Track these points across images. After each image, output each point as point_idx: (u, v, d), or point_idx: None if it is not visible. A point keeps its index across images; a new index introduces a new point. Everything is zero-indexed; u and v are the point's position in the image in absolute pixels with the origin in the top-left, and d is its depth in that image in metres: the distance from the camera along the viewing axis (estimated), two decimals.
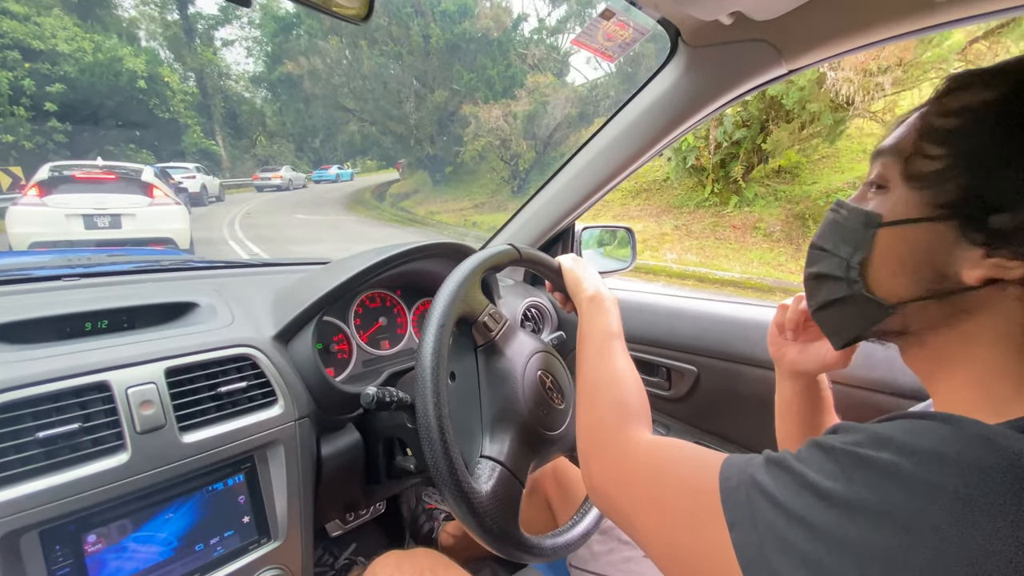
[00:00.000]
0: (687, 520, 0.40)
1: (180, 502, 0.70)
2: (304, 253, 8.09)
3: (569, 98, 14.77)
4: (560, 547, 0.69)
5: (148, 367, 0.70)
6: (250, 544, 0.76)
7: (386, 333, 1.10)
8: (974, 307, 0.39)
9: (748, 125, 7.40)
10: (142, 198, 5.94)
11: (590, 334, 0.68)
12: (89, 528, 0.63)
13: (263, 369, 0.79)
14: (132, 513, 0.66)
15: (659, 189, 9.62)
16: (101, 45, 18.99)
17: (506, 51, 17.87)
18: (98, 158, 7.01)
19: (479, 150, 15.70)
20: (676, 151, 8.18)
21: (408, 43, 17.43)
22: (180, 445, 0.68)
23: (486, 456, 0.66)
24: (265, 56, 27.49)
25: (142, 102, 20.36)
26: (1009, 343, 0.38)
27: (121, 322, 0.81)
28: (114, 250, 3.55)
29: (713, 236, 7.58)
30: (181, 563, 0.70)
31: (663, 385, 1.22)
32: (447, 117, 18.16)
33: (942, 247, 0.40)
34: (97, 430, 0.64)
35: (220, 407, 0.74)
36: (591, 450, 0.56)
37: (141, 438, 0.65)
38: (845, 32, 0.74)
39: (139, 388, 0.67)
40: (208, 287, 0.94)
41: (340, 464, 0.88)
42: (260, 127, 29.01)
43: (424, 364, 0.60)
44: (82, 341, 0.72)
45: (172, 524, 0.69)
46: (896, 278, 0.43)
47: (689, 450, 0.46)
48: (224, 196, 17.61)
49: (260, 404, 0.78)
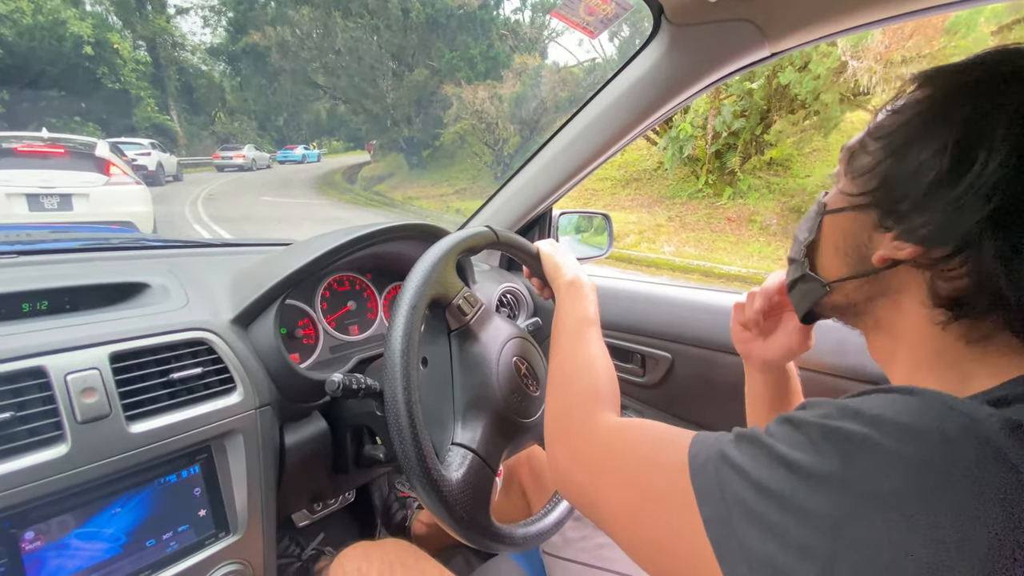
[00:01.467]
0: (655, 499, 0.40)
1: (129, 496, 0.66)
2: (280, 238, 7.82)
3: (559, 80, 14.39)
4: (532, 536, 0.68)
5: (90, 351, 0.64)
6: (207, 539, 0.72)
7: (355, 318, 1.06)
8: (894, 288, 0.44)
9: (746, 115, 7.34)
10: (97, 176, 5.01)
11: (566, 320, 0.67)
12: (26, 525, 0.58)
13: (220, 354, 0.74)
14: (74, 508, 0.62)
15: (649, 179, 9.52)
16: (42, 6, 17.43)
17: (488, 30, 17.36)
18: (43, 129, 5.72)
19: (461, 133, 15.19)
20: (673, 140, 8.03)
21: (386, 16, 16.61)
22: (127, 436, 0.63)
23: (458, 443, 0.64)
24: (227, 25, 25.90)
25: (88, 70, 18.78)
26: (927, 320, 0.41)
27: (63, 303, 0.75)
28: (58, 226, 3.31)
29: (709, 228, 7.52)
30: (130, 560, 0.65)
31: (637, 372, 1.21)
32: (426, 97, 17.47)
33: (864, 232, 0.45)
34: (33, 419, 0.58)
35: (173, 395, 0.69)
36: (558, 436, 0.56)
37: (82, 428, 0.60)
38: (829, 14, 0.73)
39: (80, 374, 0.62)
40: (161, 267, 0.88)
41: (305, 454, 0.84)
42: (219, 102, 27.38)
43: (393, 348, 0.57)
44: (17, 323, 0.66)
45: (120, 519, 0.65)
46: (832, 260, 0.49)
47: (657, 429, 0.46)
48: (182, 175, 16.63)
49: (217, 392, 0.73)
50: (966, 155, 0.37)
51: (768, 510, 0.32)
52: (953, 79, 0.41)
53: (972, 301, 0.39)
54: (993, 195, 0.36)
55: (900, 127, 0.42)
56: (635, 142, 9.68)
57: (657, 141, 8.68)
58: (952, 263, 0.38)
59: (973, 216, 0.37)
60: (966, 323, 0.40)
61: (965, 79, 0.40)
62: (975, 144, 0.37)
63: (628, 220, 8.12)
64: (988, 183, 0.36)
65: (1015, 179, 0.35)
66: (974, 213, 0.36)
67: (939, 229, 0.38)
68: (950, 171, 0.38)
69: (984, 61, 0.40)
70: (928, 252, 0.39)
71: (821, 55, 6.47)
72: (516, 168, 1.26)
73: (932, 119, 0.40)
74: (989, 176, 0.36)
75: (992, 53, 0.40)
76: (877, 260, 0.43)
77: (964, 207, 0.37)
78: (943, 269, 0.39)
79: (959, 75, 0.41)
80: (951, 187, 0.38)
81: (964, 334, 0.40)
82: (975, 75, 0.40)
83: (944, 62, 0.41)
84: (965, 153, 0.37)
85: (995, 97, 0.37)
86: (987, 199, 0.36)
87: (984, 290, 0.38)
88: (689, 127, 7.70)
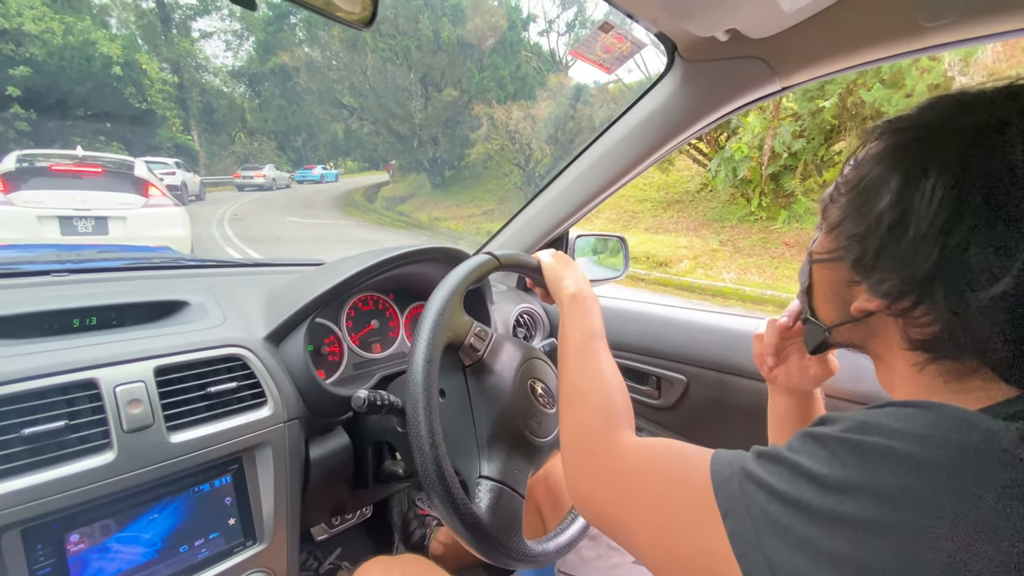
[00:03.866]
0: (681, 517, 0.40)
1: (166, 503, 0.69)
2: None
3: (597, 98, 14.22)
4: (550, 553, 0.69)
5: (137, 365, 0.69)
6: (235, 546, 0.75)
7: (377, 336, 1.10)
8: (879, 331, 0.46)
9: (804, 134, 6.99)
10: (135, 197, 4.66)
11: (571, 335, 0.67)
12: (72, 527, 0.62)
13: (253, 370, 0.78)
14: (116, 513, 0.66)
15: (692, 200, 9.13)
16: (73, 27, 17.62)
17: (516, 50, 17.30)
18: (77, 147, 5.36)
19: (491, 153, 14.99)
20: (726, 161, 7.58)
21: (416, 37, 16.59)
22: (167, 445, 0.67)
23: (485, 476, 0.66)
24: (253, 46, 26.55)
25: (116, 90, 18.77)
26: (909, 361, 0.43)
27: (110, 319, 0.80)
28: (103, 246, 3.31)
29: (767, 254, 7.03)
30: (165, 564, 0.69)
31: (652, 394, 1.23)
32: (453, 117, 17.36)
33: (843, 282, 0.47)
34: (83, 428, 0.63)
35: (209, 407, 0.73)
36: (577, 459, 0.55)
37: (128, 437, 0.64)
38: (837, 52, 0.76)
39: (127, 386, 0.66)
40: (199, 286, 0.93)
41: (328, 467, 0.87)
42: (240, 123, 27.84)
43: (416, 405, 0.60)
44: (70, 338, 0.71)
45: (157, 525, 0.68)
46: (825, 305, 0.52)
47: (677, 447, 0.47)
48: (205, 195, 16.81)
49: (249, 405, 0.77)
50: (908, 207, 0.38)
51: (794, 523, 0.33)
52: (900, 132, 0.42)
53: (943, 346, 0.39)
54: (934, 246, 0.37)
55: (859, 181, 0.44)
56: (678, 163, 8.78)
57: (706, 163, 8.32)
58: (918, 311, 0.39)
59: (921, 268, 0.38)
60: (946, 363, 0.40)
61: (909, 132, 0.42)
62: (913, 197, 0.38)
63: (678, 244, 7.72)
64: (930, 234, 0.37)
65: (951, 230, 0.36)
66: (922, 265, 0.38)
67: (897, 283, 0.40)
68: (897, 224, 0.39)
69: (922, 112, 0.42)
70: (894, 304, 0.41)
71: (921, 70, 5.99)
72: (535, 192, 1.30)
73: (881, 173, 0.42)
74: (928, 228, 0.37)
75: (931, 105, 0.42)
76: (855, 310, 0.45)
77: (914, 259, 0.38)
78: (912, 317, 0.40)
79: (905, 128, 0.42)
80: (899, 241, 0.39)
81: (942, 373, 0.41)
82: (916, 126, 0.41)
83: None
84: (908, 205, 0.38)
85: (931, 149, 0.39)
86: (929, 250, 0.37)
87: (953, 336, 0.38)
88: (745, 147, 7.33)
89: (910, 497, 0.30)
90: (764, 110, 7.19)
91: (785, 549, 0.33)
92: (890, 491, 0.31)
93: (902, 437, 0.32)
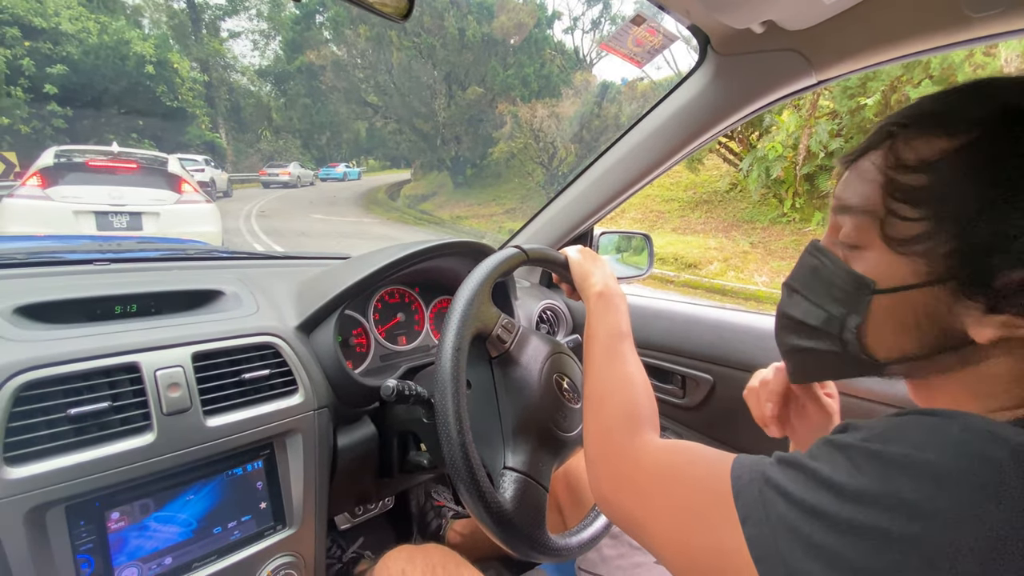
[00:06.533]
0: (701, 519, 0.40)
1: (200, 484, 0.71)
2: None
3: (623, 97, 14.07)
4: (573, 547, 0.69)
5: (176, 351, 0.71)
6: (266, 530, 0.77)
7: (403, 329, 1.11)
8: (983, 357, 0.38)
9: (842, 133, 6.69)
10: (169, 193, 4.75)
11: (597, 334, 0.66)
12: (113, 505, 0.65)
13: (286, 358, 0.80)
14: (155, 493, 0.68)
15: (721, 201, 8.89)
16: (107, 27, 18.12)
17: (541, 48, 17.16)
18: (112, 143, 5.43)
19: (514, 151, 14.88)
20: (759, 161, 7.23)
21: (442, 35, 16.55)
22: (204, 428, 0.69)
23: (510, 467, 0.67)
24: (281, 45, 27.07)
25: (149, 88, 19.29)
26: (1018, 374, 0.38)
27: (149, 307, 0.82)
28: (142, 237, 3.39)
29: None
30: (199, 544, 0.71)
31: (677, 393, 1.21)
32: (477, 116, 17.29)
33: (943, 307, 0.38)
34: (125, 410, 0.65)
35: (243, 393, 0.75)
36: (600, 458, 0.55)
37: (167, 419, 0.66)
38: (877, 45, 0.74)
39: (167, 371, 0.68)
40: (231, 276, 0.95)
41: (355, 456, 0.88)
42: (266, 121, 28.39)
43: (445, 392, 0.60)
44: (112, 323, 0.73)
45: (192, 506, 0.71)
46: (897, 338, 0.42)
47: (699, 451, 0.46)
48: (231, 192, 17.12)
49: (281, 392, 0.79)
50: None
51: (813, 530, 0.32)
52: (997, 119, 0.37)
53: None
54: None
55: (941, 189, 0.37)
56: (706, 162, 8.59)
57: (737, 163, 8.09)
58: None
59: None
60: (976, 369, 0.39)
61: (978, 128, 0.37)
62: None
63: (707, 246, 7.52)
64: None
65: None
66: None
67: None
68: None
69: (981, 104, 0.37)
70: None
71: (974, 67, 5.49)
72: (561, 187, 1.30)
73: (982, 173, 0.36)
74: None
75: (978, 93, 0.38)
76: (983, 338, 0.37)
77: None
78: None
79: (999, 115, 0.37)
80: None
81: (970, 384, 0.39)
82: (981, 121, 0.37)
83: None
84: None
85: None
86: None
87: None
88: (780, 147, 7.00)
89: (930, 509, 0.30)
90: (799, 108, 6.98)
91: (803, 556, 0.32)
92: (910, 503, 0.30)
93: (923, 447, 0.32)
